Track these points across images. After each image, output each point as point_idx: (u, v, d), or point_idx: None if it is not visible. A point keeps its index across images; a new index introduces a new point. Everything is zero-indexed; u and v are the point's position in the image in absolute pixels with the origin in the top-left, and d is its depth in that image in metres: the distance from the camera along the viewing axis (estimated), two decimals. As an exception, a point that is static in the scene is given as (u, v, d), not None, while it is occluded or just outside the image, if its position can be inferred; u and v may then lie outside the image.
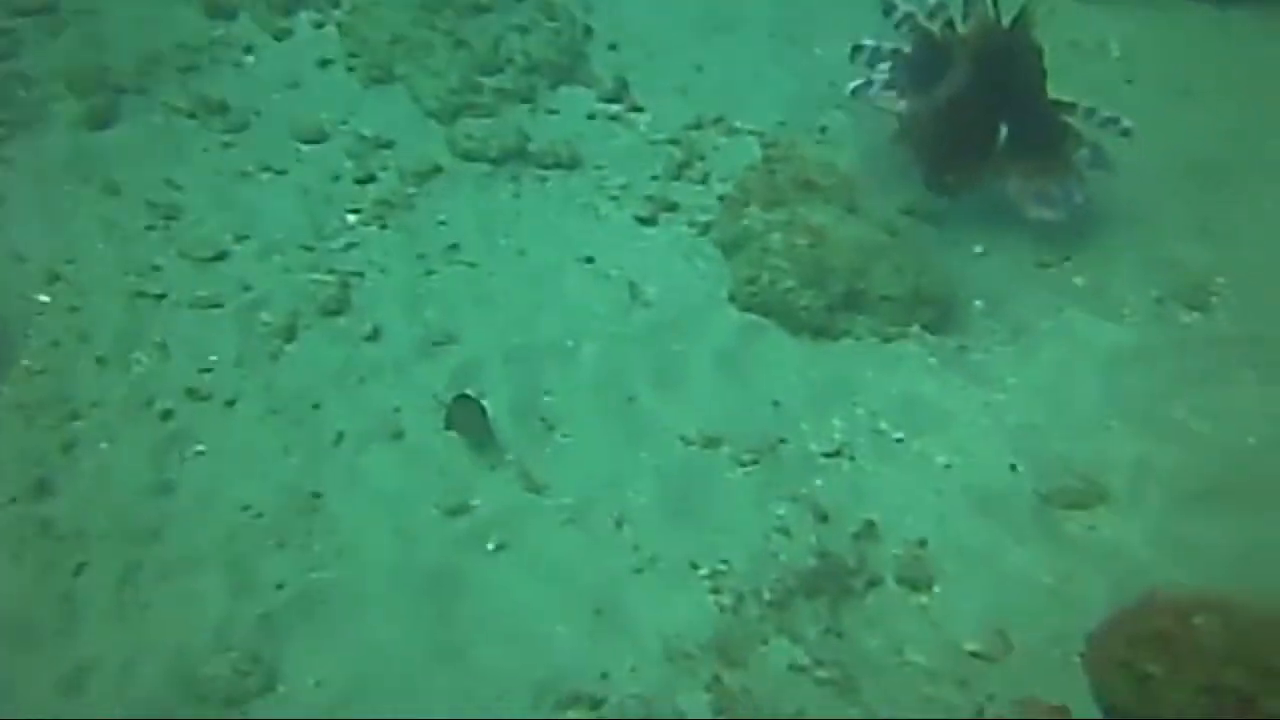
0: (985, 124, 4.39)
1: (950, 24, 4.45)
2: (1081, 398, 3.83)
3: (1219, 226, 4.41)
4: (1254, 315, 4.06)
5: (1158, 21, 5.41)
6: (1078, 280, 4.24)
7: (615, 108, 5.05)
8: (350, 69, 5.11)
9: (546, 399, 3.85)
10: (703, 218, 4.48)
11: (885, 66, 4.60)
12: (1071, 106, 4.36)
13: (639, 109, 5.04)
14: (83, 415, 3.73)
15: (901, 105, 4.54)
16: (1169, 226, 4.41)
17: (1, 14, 5.26)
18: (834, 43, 5.14)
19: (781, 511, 3.54)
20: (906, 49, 4.55)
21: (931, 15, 4.47)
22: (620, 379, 3.92)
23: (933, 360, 3.98)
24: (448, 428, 3.70)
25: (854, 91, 4.62)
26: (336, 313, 4.09)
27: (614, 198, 4.62)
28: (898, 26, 4.55)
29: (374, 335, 4.04)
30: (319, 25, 5.34)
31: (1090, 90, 4.61)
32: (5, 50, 5.10)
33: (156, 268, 4.21)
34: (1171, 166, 4.64)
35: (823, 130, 4.91)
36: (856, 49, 4.64)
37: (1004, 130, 4.38)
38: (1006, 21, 4.31)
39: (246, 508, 3.51)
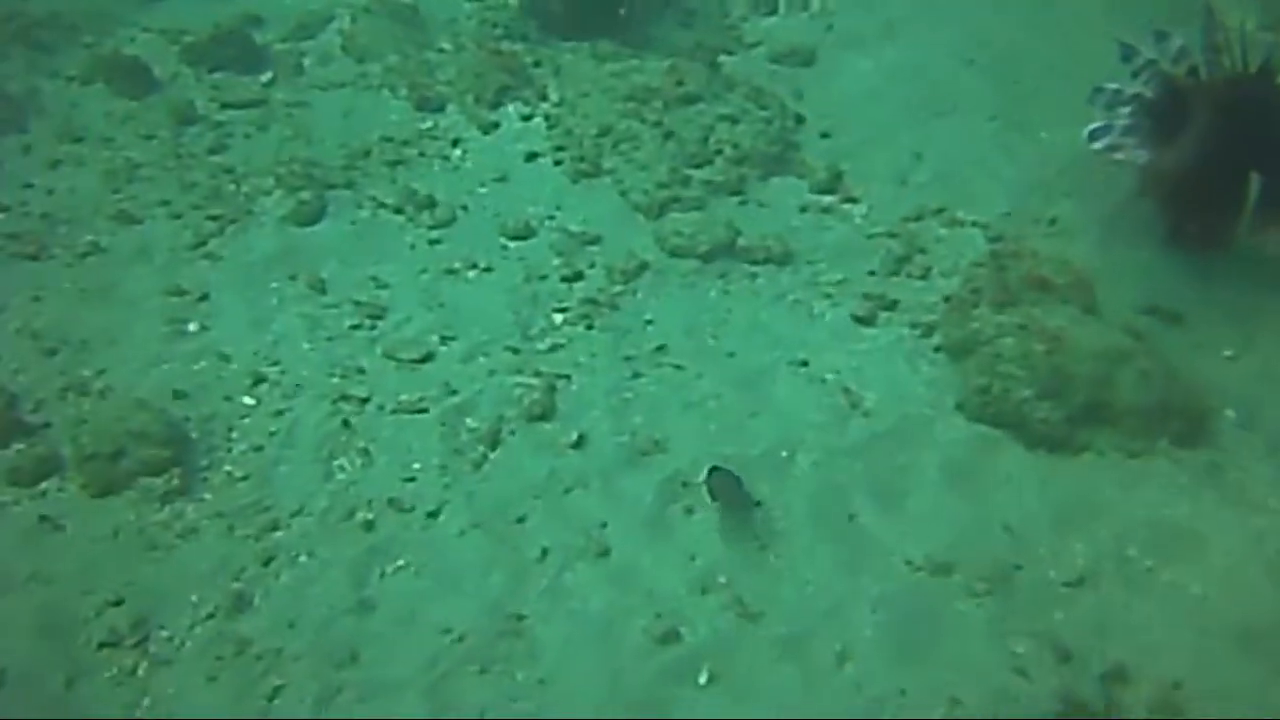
0: (1235, 176, 4.18)
1: (1194, 70, 4.26)
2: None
3: None
4: None
5: None
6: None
7: (829, 199, 4.93)
8: (557, 162, 5.09)
9: (760, 515, 3.63)
10: (926, 318, 4.28)
11: (1126, 112, 4.39)
12: None
13: (854, 200, 4.91)
14: (284, 525, 3.67)
15: (1143, 156, 4.33)
16: None
17: (213, 107, 5.40)
18: (1061, 127, 5.00)
19: (1019, 649, 3.26)
20: (1149, 94, 4.35)
21: (1174, 61, 4.29)
22: (839, 495, 3.70)
23: (1183, 479, 3.68)
24: (711, 499, 3.60)
25: (1092, 134, 4.41)
26: (542, 418, 3.98)
27: (829, 295, 4.45)
28: (1137, 75, 4.36)
29: (579, 443, 3.91)
30: (526, 118, 5.35)
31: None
32: (215, 144, 5.22)
33: (361, 370, 4.18)
34: None
35: (1053, 222, 4.70)
36: (1097, 90, 4.44)
37: (1257, 182, 4.16)
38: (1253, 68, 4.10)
39: (448, 630, 3.38)
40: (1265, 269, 4.32)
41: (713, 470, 3.63)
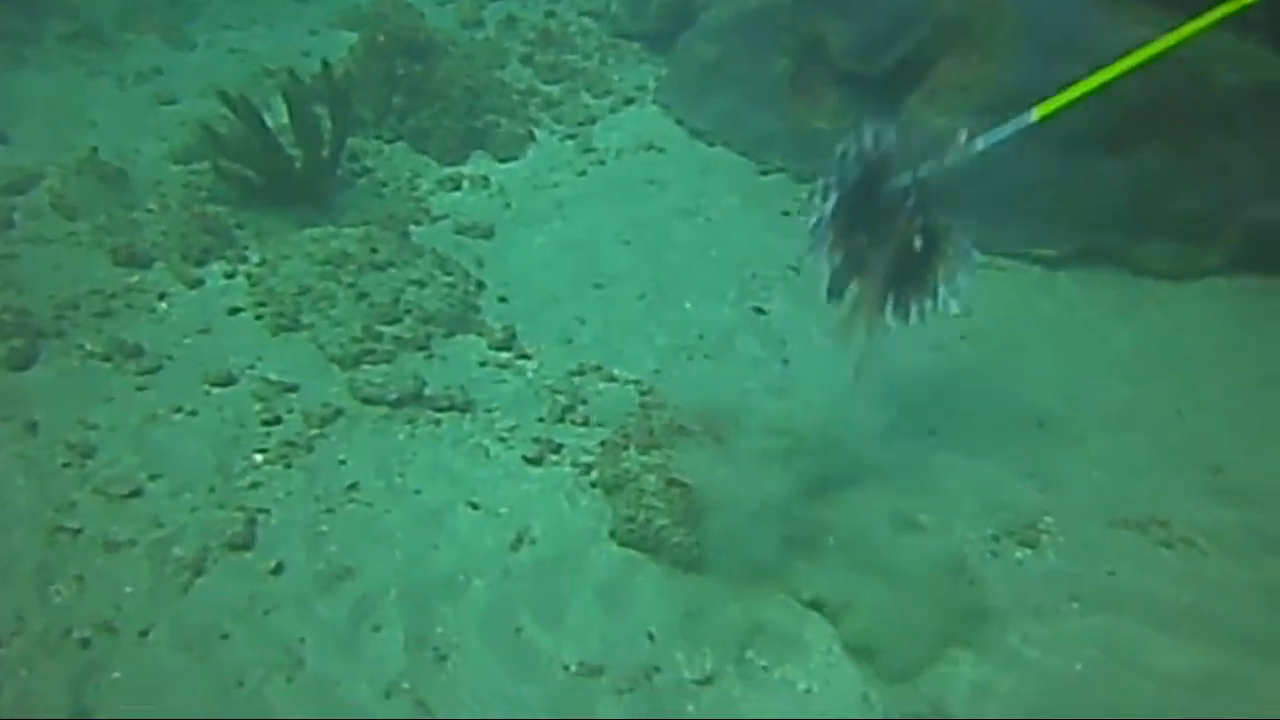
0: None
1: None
2: (919, 628, 4.17)
3: (1048, 469, 4.91)
4: (1078, 552, 4.53)
5: (994, 282, 6.08)
6: (923, 518, 4.65)
7: (505, 355, 5.47)
8: (259, 317, 5.47)
9: (439, 630, 4.11)
10: (585, 459, 4.85)
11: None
12: None
13: (527, 357, 5.48)
14: (4, 644, 3.89)
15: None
16: (1004, 469, 4.89)
17: (-78, 256, 5.53)
18: (703, 299, 5.80)
19: (663, 739, 3.82)
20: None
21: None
22: (507, 612, 4.19)
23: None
24: None
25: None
26: (243, 548, 4.33)
27: (503, 439, 4.98)
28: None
29: (278, 569, 4.28)
30: (230, 275, 5.74)
31: (930, 346, 5.22)
32: (-73, 292, 5.33)
33: (74, 504, 4.43)
34: (1005, 415, 5.19)
35: (693, 377, 5.35)
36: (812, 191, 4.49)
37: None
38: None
39: (159, 737, 3.69)
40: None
41: None
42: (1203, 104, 6.28)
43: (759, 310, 5.80)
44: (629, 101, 7.68)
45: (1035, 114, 4.27)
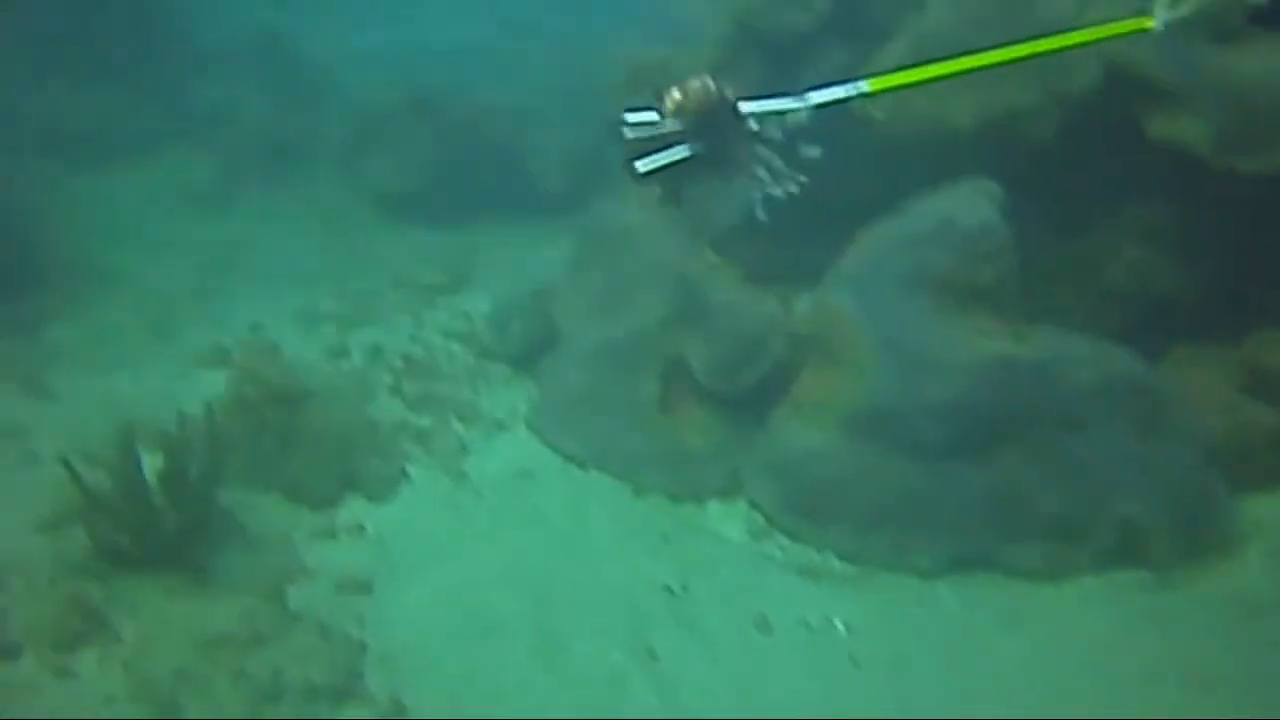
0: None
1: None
2: None
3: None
4: None
5: (873, 598, 6.21)
6: None
7: (391, 726, 5.35)
8: (135, 705, 5.23)
9: None
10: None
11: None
12: None
13: (416, 721, 5.36)
14: None
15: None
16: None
17: None
18: (591, 641, 5.83)
19: None
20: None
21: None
22: None
23: None
24: None
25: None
26: None
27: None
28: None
29: None
30: (103, 661, 5.48)
31: (815, 675, 5.27)
32: None
33: None
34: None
35: None
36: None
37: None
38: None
39: None
40: None
41: None
42: (1055, 407, 6.59)
43: (650, 655, 5.82)
44: (501, 427, 7.75)
45: (867, 85, 4.28)
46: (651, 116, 4.09)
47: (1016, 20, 6.90)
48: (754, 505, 7.00)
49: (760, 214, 4.24)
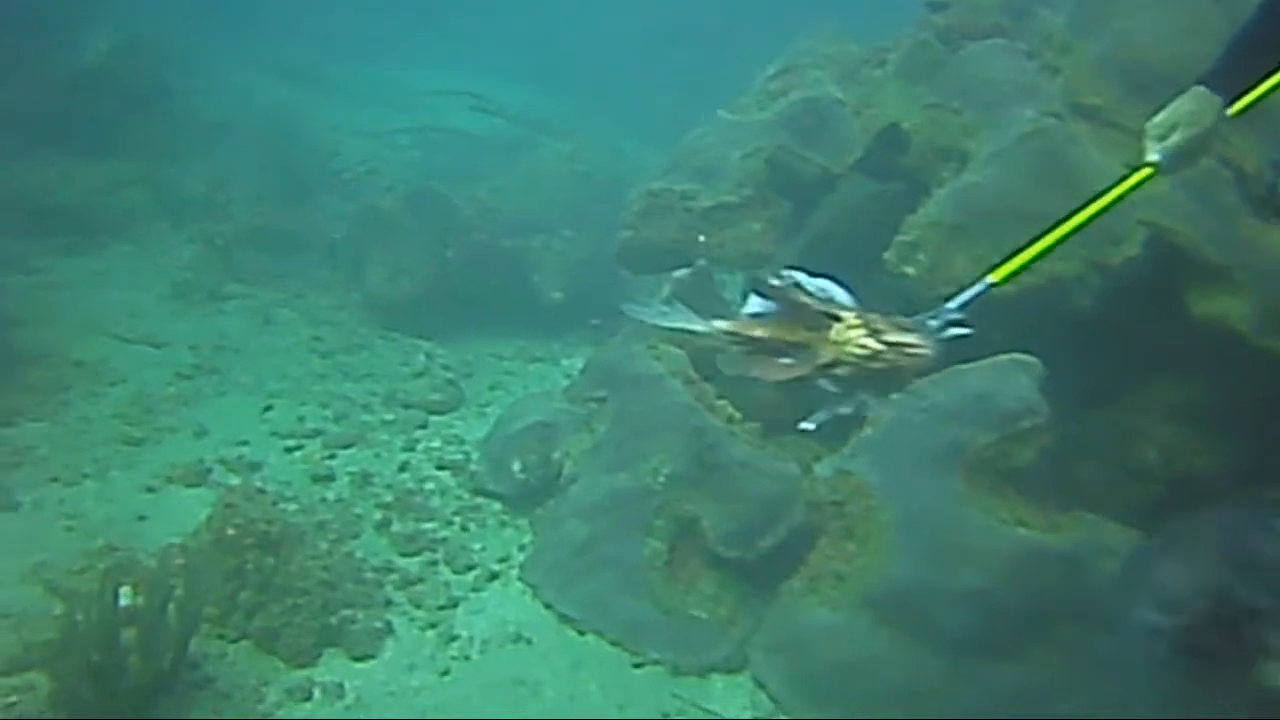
0: None
1: None
2: None
3: None
4: None
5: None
6: None
7: None
8: None
9: None
10: None
11: None
12: None
13: None
14: None
15: None
16: None
17: None
18: None
19: None
20: None
21: None
22: None
23: None
24: None
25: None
26: None
27: None
28: None
29: None
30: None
31: None
32: None
33: None
34: None
35: None
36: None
37: None
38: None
39: None
40: None
41: None
42: (1083, 602, 6.21)
43: None
44: (493, 577, 7.24)
45: (992, 277, 4.17)
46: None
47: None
48: (759, 684, 6.56)
49: (809, 425, 3.90)
